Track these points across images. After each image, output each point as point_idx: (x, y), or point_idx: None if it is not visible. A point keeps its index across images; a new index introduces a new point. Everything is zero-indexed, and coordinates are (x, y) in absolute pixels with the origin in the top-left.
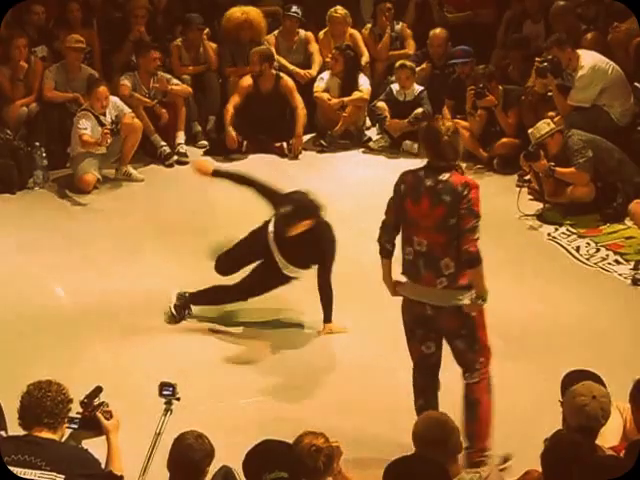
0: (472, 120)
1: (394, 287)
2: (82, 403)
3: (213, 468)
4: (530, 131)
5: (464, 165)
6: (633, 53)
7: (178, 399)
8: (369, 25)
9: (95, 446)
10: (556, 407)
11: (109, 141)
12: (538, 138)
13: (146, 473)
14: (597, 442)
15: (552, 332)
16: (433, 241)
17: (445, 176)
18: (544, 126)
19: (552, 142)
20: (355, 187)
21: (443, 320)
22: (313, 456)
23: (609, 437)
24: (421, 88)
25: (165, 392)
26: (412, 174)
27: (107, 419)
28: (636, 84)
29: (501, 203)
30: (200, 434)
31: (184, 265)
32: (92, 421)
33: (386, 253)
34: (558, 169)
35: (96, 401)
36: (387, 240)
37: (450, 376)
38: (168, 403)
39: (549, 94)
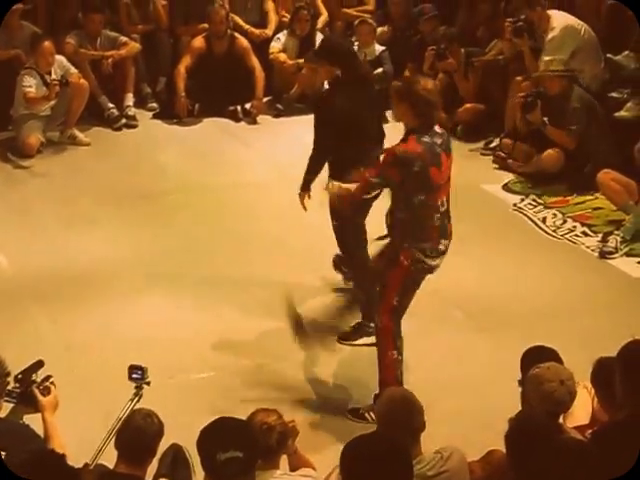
0: None
1: None
2: (16, 378)
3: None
4: (545, 59)
5: None
6: (604, 16)
7: (148, 383)
8: None
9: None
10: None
11: (56, 95)
12: (545, 71)
13: (101, 454)
14: (566, 422)
15: (515, 305)
16: (447, 193)
17: (439, 128)
18: (555, 64)
19: (554, 85)
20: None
21: None
22: (265, 434)
23: (577, 416)
24: (382, 48)
25: (134, 375)
26: (421, 146)
27: (44, 395)
28: (609, 55)
29: (464, 172)
30: (148, 413)
31: (129, 232)
32: (28, 397)
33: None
34: (549, 127)
35: (34, 376)
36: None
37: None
38: (138, 387)
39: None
